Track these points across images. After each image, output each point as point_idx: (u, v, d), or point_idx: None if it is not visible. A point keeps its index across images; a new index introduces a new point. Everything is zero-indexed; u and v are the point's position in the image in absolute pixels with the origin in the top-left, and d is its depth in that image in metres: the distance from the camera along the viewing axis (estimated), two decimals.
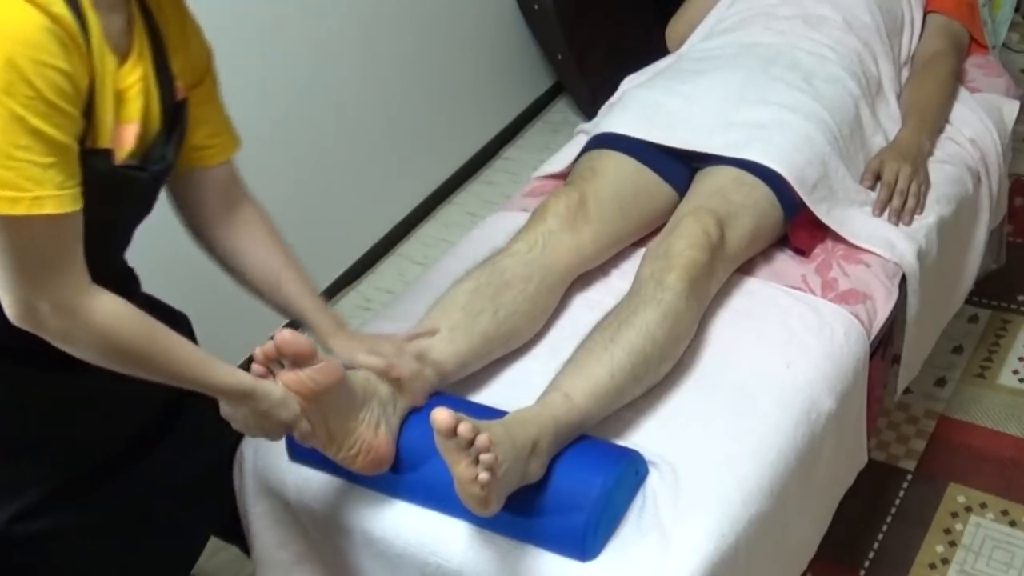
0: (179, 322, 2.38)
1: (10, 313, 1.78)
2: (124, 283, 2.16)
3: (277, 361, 2.00)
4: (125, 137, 1.94)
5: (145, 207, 2.09)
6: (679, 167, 2.88)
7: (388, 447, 2.18)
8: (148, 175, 2.02)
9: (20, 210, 1.69)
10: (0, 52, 1.63)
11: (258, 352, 1.99)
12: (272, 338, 1.97)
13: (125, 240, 2.17)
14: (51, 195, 1.72)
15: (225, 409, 2.05)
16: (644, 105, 3.04)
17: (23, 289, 1.77)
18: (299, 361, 1.98)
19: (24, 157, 1.68)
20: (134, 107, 1.95)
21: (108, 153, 1.89)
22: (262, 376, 2.00)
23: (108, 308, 1.86)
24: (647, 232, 2.87)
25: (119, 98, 1.91)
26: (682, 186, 2.86)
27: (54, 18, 1.68)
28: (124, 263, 2.26)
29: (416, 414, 2.23)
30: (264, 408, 2.02)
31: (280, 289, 2.31)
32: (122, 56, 1.93)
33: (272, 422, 2.04)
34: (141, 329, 1.90)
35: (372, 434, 2.14)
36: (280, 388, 2.01)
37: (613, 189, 2.80)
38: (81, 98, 1.78)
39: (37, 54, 1.66)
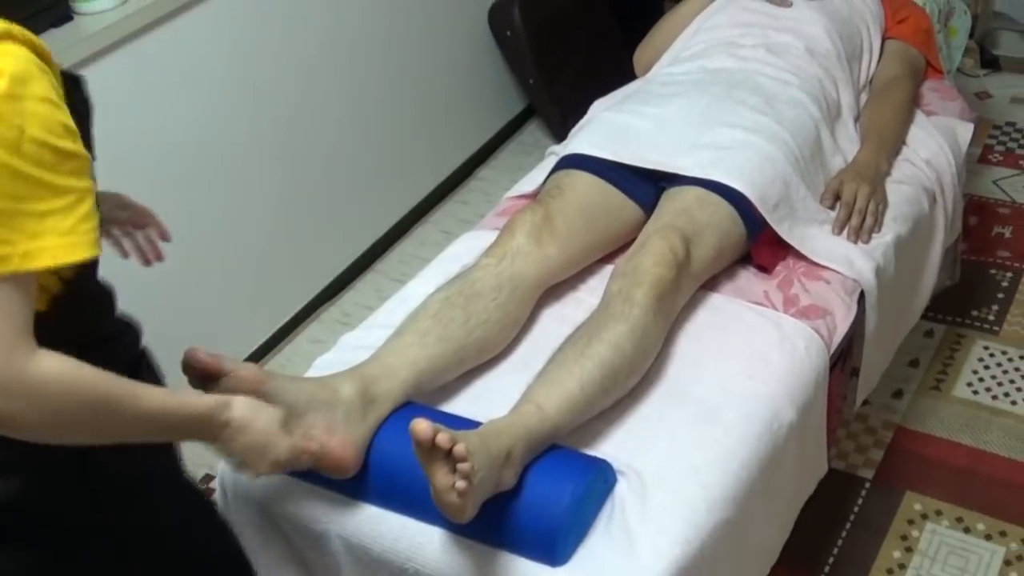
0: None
1: None
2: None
3: (205, 381, 1.99)
4: None
5: None
6: (646, 186, 2.89)
7: (345, 450, 2.16)
8: None
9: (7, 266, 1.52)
10: None
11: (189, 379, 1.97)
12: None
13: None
14: (53, 247, 1.55)
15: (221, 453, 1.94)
16: (612, 127, 3.05)
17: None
18: (211, 375, 1.97)
19: (25, 210, 1.53)
20: None
21: None
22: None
23: (59, 365, 1.60)
24: (615, 248, 2.88)
25: None
26: (648, 205, 2.87)
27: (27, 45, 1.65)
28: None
29: (394, 425, 2.23)
30: (257, 433, 1.92)
31: None
32: None
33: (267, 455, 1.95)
34: (83, 374, 1.63)
35: (324, 438, 2.13)
36: (267, 413, 1.94)
37: (579, 206, 2.81)
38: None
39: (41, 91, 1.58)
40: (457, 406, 2.40)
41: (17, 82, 1.54)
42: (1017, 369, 3.70)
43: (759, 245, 2.80)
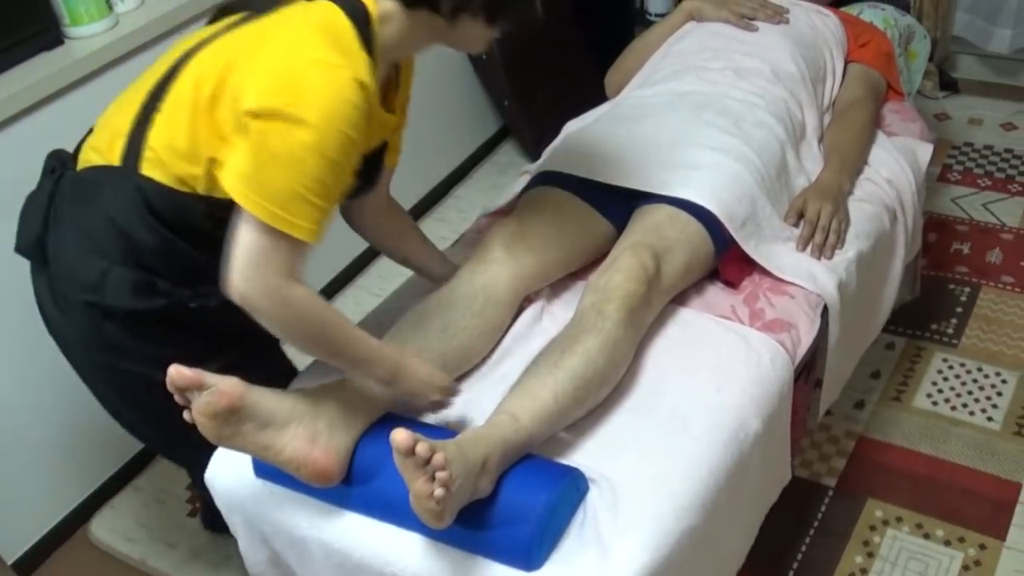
0: None
1: (239, 293, 2.03)
2: None
3: (187, 394, 2.05)
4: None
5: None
6: (617, 203, 2.89)
7: (327, 459, 2.18)
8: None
9: (284, 228, 2.00)
10: (321, 116, 1.97)
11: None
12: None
13: None
14: (306, 227, 2.03)
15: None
16: (585, 146, 3.06)
17: (257, 276, 2.03)
18: (192, 389, 2.03)
19: (311, 199, 2.01)
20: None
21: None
22: (184, 405, 2.07)
23: (306, 295, 2.09)
24: (588, 261, 2.89)
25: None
26: (620, 220, 2.88)
27: (366, 92, 2.04)
28: None
29: (374, 435, 2.23)
30: (409, 387, 2.29)
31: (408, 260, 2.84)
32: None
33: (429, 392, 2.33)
34: (326, 314, 2.15)
35: (306, 448, 2.16)
36: (423, 367, 2.31)
37: (552, 220, 2.81)
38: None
39: (347, 127, 2.00)
40: (435, 415, 2.40)
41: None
42: (975, 381, 3.72)
43: (726, 261, 2.81)
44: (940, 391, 3.70)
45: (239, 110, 2.03)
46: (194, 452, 2.48)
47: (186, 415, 2.07)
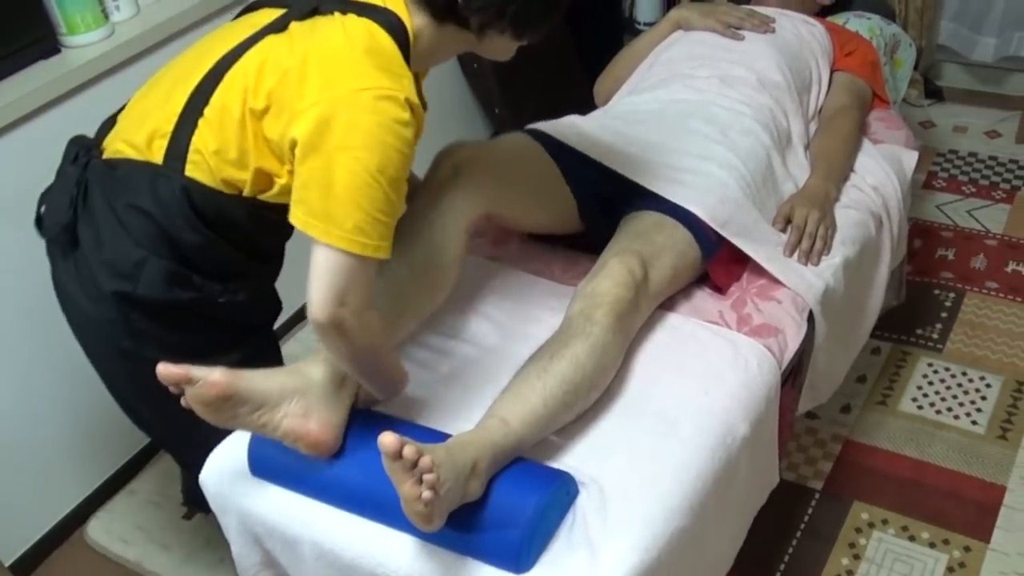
0: None
1: (333, 319, 2.09)
2: None
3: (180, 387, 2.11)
4: None
5: None
6: (591, 188, 2.91)
7: (322, 432, 2.24)
8: None
9: (366, 252, 2.06)
10: (378, 141, 2.03)
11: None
12: None
13: None
14: (387, 247, 2.10)
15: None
16: (574, 126, 3.06)
17: (334, 302, 2.08)
18: (183, 383, 2.08)
19: (383, 219, 2.07)
20: None
21: None
22: (179, 394, 2.14)
23: (375, 320, 2.19)
24: (541, 225, 2.95)
25: None
26: (586, 199, 2.91)
27: (413, 109, 2.11)
28: None
29: (364, 436, 2.23)
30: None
31: None
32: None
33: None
34: (384, 339, 2.28)
35: (301, 422, 2.21)
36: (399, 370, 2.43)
37: (514, 154, 2.88)
38: None
39: (403, 147, 2.08)
40: (426, 419, 2.41)
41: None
42: (960, 385, 3.73)
43: (714, 266, 2.81)
44: (925, 395, 3.71)
45: (292, 136, 2.09)
46: (197, 451, 2.53)
47: (182, 401, 2.13)
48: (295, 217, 2.09)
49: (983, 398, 3.68)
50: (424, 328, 2.71)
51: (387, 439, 1.88)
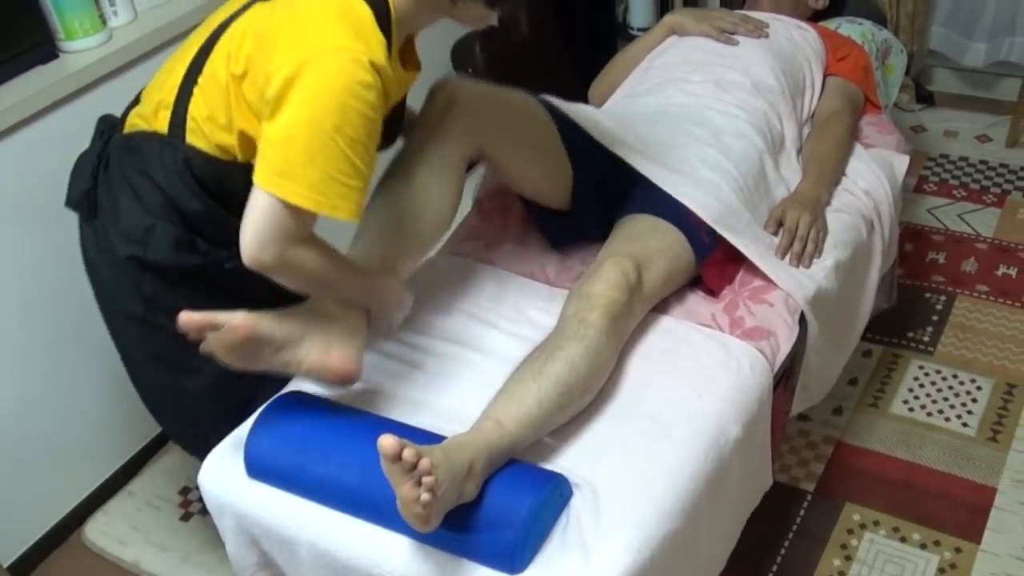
0: None
1: (250, 258, 2.16)
2: None
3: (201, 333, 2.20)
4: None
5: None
6: (592, 162, 2.93)
7: (344, 363, 2.35)
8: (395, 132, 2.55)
9: (323, 210, 2.13)
10: (337, 102, 2.07)
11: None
12: None
13: None
14: (347, 207, 2.15)
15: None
16: (585, 112, 3.05)
17: (274, 246, 2.15)
18: (206, 330, 2.17)
19: (341, 179, 2.12)
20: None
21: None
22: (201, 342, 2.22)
23: (307, 257, 2.23)
24: (535, 187, 2.95)
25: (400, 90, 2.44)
26: (582, 175, 2.93)
27: (380, 72, 2.14)
28: None
29: (362, 438, 2.23)
30: (384, 306, 2.51)
31: None
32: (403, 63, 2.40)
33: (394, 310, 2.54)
34: (325, 268, 2.29)
35: (323, 356, 2.32)
36: (394, 287, 2.50)
37: (513, 101, 2.90)
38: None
39: (364, 108, 2.11)
40: (422, 421, 2.41)
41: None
42: (950, 387, 3.74)
43: (707, 269, 2.81)
44: (916, 397, 3.71)
45: (265, 97, 2.16)
46: (204, 436, 2.61)
47: (203, 347, 2.21)
48: (257, 175, 2.16)
49: (974, 400, 3.69)
50: (418, 330, 2.73)
51: (387, 441, 1.88)
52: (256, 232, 2.14)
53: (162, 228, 2.41)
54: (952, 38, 5.35)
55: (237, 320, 2.18)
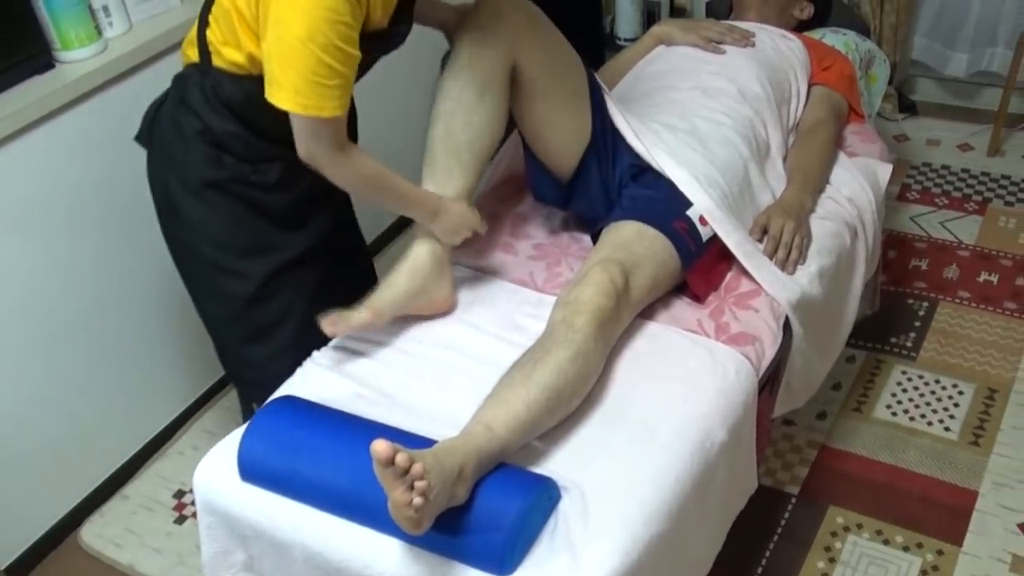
0: None
1: (307, 159, 2.50)
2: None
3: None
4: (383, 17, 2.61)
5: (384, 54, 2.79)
6: (608, 134, 3.01)
7: (444, 302, 2.84)
8: (400, 33, 2.72)
9: (310, 112, 2.38)
10: (304, 13, 2.27)
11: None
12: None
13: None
14: (331, 106, 2.39)
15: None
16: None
17: (310, 145, 2.47)
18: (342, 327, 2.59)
19: (320, 81, 2.35)
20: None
21: (379, 32, 2.61)
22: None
23: (357, 156, 2.57)
24: (550, 125, 2.96)
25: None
26: (596, 138, 2.99)
27: None
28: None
29: (355, 443, 2.23)
30: (449, 225, 2.75)
31: None
32: None
33: (462, 231, 2.79)
34: (377, 169, 2.61)
35: (428, 303, 2.79)
36: (462, 206, 2.77)
37: (559, 39, 2.94)
38: (359, 31, 2.42)
39: (332, 15, 2.29)
40: (412, 425, 2.41)
41: None
42: (933, 392, 3.74)
43: (693, 275, 2.82)
44: (899, 402, 3.72)
45: (257, 16, 2.44)
46: (253, 369, 3.01)
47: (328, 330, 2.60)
48: (268, 92, 2.41)
49: (956, 405, 3.69)
50: (409, 336, 2.75)
51: (380, 446, 1.89)
52: (296, 138, 2.46)
53: (194, 146, 2.70)
54: (934, 48, 5.36)
55: (363, 319, 2.61)
